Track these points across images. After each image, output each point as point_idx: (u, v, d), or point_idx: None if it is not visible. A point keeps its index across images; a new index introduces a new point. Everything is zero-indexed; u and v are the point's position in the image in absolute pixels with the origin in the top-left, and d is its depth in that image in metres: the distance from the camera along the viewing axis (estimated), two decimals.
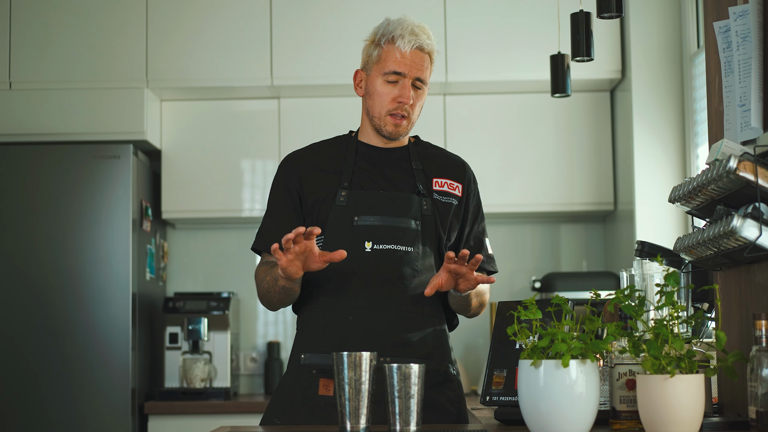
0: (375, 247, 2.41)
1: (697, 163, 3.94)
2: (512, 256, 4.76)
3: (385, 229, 2.42)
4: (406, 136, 2.52)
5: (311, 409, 2.38)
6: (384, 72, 2.46)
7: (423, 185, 2.48)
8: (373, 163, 2.51)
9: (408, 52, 2.45)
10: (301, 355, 2.42)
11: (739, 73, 2.13)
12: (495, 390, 2.16)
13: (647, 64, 4.12)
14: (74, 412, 4.02)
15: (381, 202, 2.44)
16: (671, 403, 1.72)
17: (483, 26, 4.37)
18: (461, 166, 2.59)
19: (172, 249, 4.79)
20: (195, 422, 4.13)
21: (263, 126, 4.50)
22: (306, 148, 2.60)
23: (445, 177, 2.52)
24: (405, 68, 2.44)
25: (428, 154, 2.57)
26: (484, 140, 4.46)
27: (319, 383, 2.39)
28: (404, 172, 2.50)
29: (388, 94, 2.46)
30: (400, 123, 2.46)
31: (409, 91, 2.44)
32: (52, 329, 4.04)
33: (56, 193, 4.11)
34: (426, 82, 2.48)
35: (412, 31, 2.48)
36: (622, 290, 1.87)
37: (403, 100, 2.44)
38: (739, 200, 2.00)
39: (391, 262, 2.40)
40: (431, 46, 2.49)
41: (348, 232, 2.42)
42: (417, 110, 2.49)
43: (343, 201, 2.44)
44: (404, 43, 2.45)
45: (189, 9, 4.41)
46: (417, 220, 2.43)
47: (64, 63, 4.34)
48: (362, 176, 2.48)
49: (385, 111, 2.46)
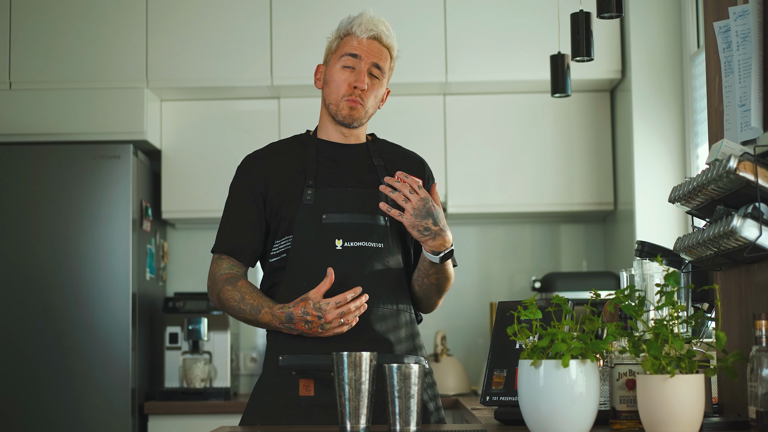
0: (346, 245, 2.41)
1: (697, 163, 3.94)
2: (512, 256, 4.76)
3: (354, 227, 2.42)
4: (361, 126, 2.51)
5: (293, 411, 2.37)
6: (342, 55, 2.47)
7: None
8: (335, 160, 2.51)
9: (364, 39, 2.47)
10: (279, 356, 2.41)
11: (739, 73, 2.13)
12: (495, 390, 2.16)
13: (647, 64, 4.12)
14: (74, 412, 4.02)
15: (349, 199, 2.44)
16: (671, 403, 1.72)
17: (483, 26, 4.37)
18: (420, 163, 2.60)
19: (172, 249, 4.79)
20: (195, 422, 4.13)
21: (263, 126, 4.50)
22: (266, 148, 2.59)
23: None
24: (361, 52, 2.46)
25: (387, 152, 2.57)
26: (484, 140, 4.46)
27: (299, 384, 2.38)
28: (367, 169, 2.50)
29: (345, 80, 2.46)
30: (356, 106, 2.46)
31: (364, 75, 2.44)
32: (52, 329, 4.04)
33: (56, 193, 4.11)
34: (383, 72, 2.48)
35: (369, 21, 2.49)
36: (622, 290, 1.87)
37: (357, 84, 2.44)
38: (739, 200, 2.00)
39: (362, 259, 2.40)
40: (390, 39, 2.50)
41: (317, 230, 2.41)
42: (372, 100, 2.48)
43: (310, 199, 2.43)
44: (360, 30, 2.47)
45: (189, 9, 4.41)
46: (385, 216, 2.43)
47: (64, 63, 4.34)
48: (327, 174, 2.48)
49: (341, 96, 2.47)
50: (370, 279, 2.40)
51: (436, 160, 4.39)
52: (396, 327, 2.43)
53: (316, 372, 2.37)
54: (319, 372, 2.37)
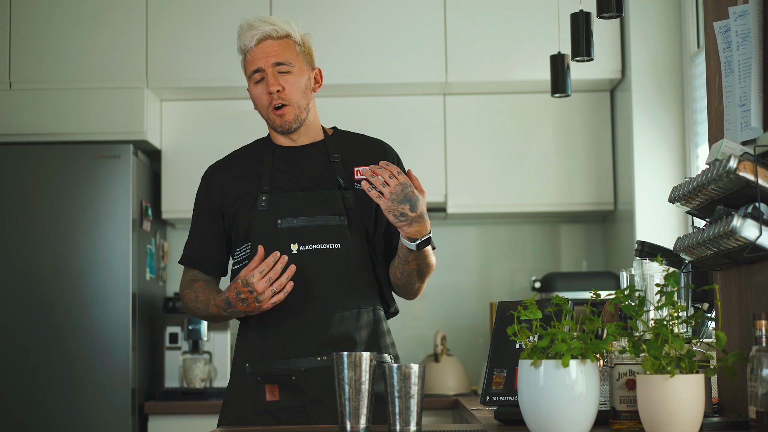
0: (301, 248, 2.41)
1: (697, 163, 3.94)
2: (512, 256, 4.76)
3: (309, 229, 2.42)
4: (303, 124, 2.50)
5: (261, 416, 2.41)
6: (248, 76, 2.49)
7: (343, 178, 2.47)
8: (290, 163, 2.51)
9: (255, 48, 2.46)
10: (246, 364, 2.44)
11: (739, 73, 2.13)
12: (495, 390, 2.16)
13: (647, 64, 4.12)
14: (74, 412, 4.02)
15: (302, 202, 2.44)
16: (671, 403, 1.72)
17: (483, 26, 4.37)
18: (380, 148, 2.57)
19: (172, 249, 4.79)
20: (195, 422, 4.13)
21: (263, 126, 4.46)
22: (226, 158, 2.62)
23: (366, 164, 2.49)
24: (259, 62, 2.45)
25: (347, 144, 2.56)
26: (484, 140, 4.46)
27: (265, 389, 2.41)
28: (324, 168, 2.49)
29: (261, 93, 2.47)
30: (282, 112, 2.46)
31: (272, 78, 2.44)
32: (52, 329, 4.04)
33: (56, 193, 4.11)
34: (290, 63, 2.45)
35: (250, 27, 2.49)
36: (622, 290, 1.87)
37: (270, 89, 2.44)
38: (739, 200, 2.00)
39: (318, 261, 2.41)
40: (280, 30, 2.48)
41: (272, 236, 2.42)
42: (296, 93, 2.46)
43: (265, 206, 2.44)
44: (247, 40, 2.47)
45: (189, 9, 4.41)
46: (341, 215, 2.42)
47: (65, 63, 4.34)
48: (282, 178, 2.49)
49: (265, 109, 2.48)
50: (328, 280, 2.41)
51: (436, 160, 4.39)
52: (357, 327, 2.43)
53: (279, 377, 2.40)
54: (282, 377, 2.41)
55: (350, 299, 2.43)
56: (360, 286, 2.44)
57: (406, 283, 2.49)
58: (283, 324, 2.41)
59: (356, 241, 2.44)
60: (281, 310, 2.39)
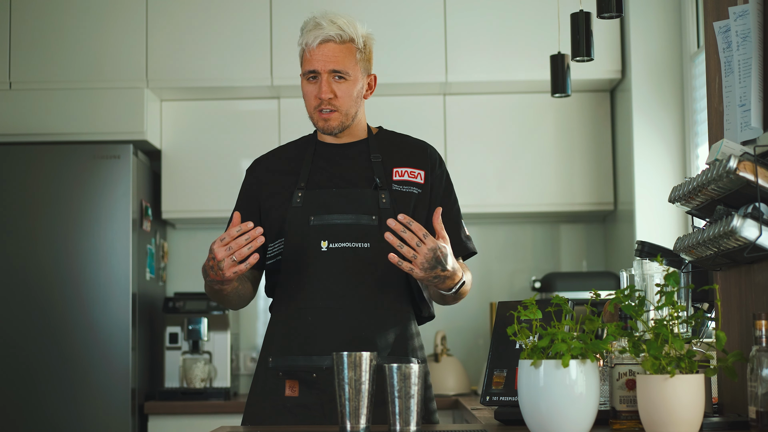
0: (331, 246, 2.41)
1: (697, 163, 3.94)
2: (512, 256, 4.76)
3: (340, 227, 2.41)
4: (345, 127, 2.48)
5: (279, 411, 2.40)
6: (303, 73, 2.47)
7: (381, 178, 2.46)
8: (330, 161, 2.51)
9: (315, 48, 2.43)
10: (269, 358, 2.44)
11: (739, 73, 2.13)
12: (495, 390, 2.16)
13: (647, 64, 4.12)
14: (74, 412, 4.02)
15: (335, 200, 2.43)
16: (671, 403, 1.72)
17: (483, 26, 4.37)
18: (422, 150, 2.55)
19: (172, 249, 4.79)
20: (195, 422, 4.13)
21: (263, 126, 4.50)
22: (270, 152, 2.62)
23: (406, 165, 2.49)
24: (316, 64, 2.43)
25: (390, 144, 2.55)
26: (484, 140, 4.46)
27: (286, 385, 2.41)
28: (362, 167, 2.49)
29: (310, 92, 2.45)
30: (329, 117, 2.45)
31: (325, 85, 2.42)
32: (52, 329, 4.04)
33: (56, 193, 4.11)
34: (347, 72, 2.43)
35: (316, 26, 2.44)
36: (622, 290, 1.87)
37: (321, 96, 2.42)
38: (739, 200, 2.00)
39: (347, 259, 2.40)
40: (345, 35, 2.43)
41: (304, 232, 2.42)
42: (347, 101, 2.44)
43: (299, 202, 2.44)
44: (310, 39, 2.44)
45: (189, 9, 4.41)
46: (374, 215, 2.41)
47: (64, 63, 4.34)
48: (319, 175, 2.49)
49: (312, 108, 2.46)
50: (355, 279, 2.40)
51: None
52: (383, 329, 2.41)
53: (300, 373, 2.40)
54: (303, 373, 2.40)
55: (377, 300, 2.41)
56: (388, 288, 2.43)
57: (438, 301, 2.49)
58: (307, 320, 2.40)
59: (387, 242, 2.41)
60: (307, 306, 2.40)
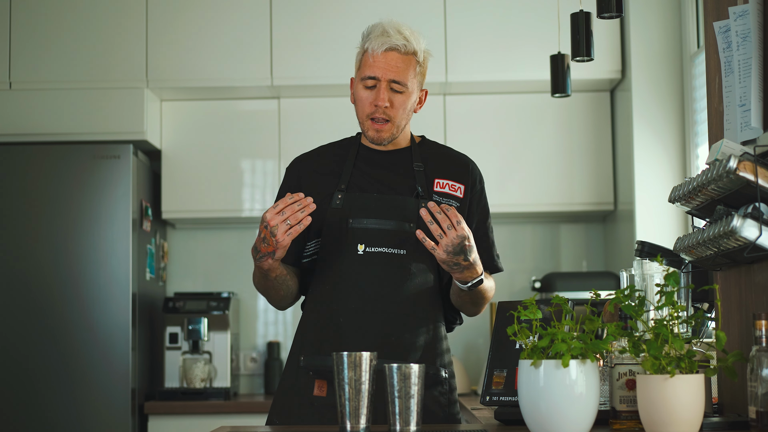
0: (367, 250, 2.42)
1: (697, 163, 3.94)
2: (512, 256, 4.76)
3: (378, 232, 2.42)
4: (394, 138, 2.49)
5: (305, 410, 2.41)
6: (361, 78, 2.45)
7: (423, 187, 2.48)
8: (372, 165, 2.51)
9: (379, 55, 2.42)
10: (300, 357, 2.45)
11: (739, 73, 2.13)
12: (495, 390, 2.16)
13: (647, 64, 4.12)
14: (74, 412, 4.02)
15: (375, 204, 2.44)
16: (671, 403, 1.72)
17: (483, 26, 4.37)
18: (465, 165, 2.57)
19: (172, 249, 4.79)
20: (195, 422, 4.13)
21: (263, 126, 4.50)
22: (312, 151, 2.62)
23: (448, 178, 2.51)
24: (378, 71, 2.42)
25: (432, 154, 2.56)
26: (484, 140, 4.46)
27: (315, 384, 2.42)
28: (405, 174, 2.50)
29: (366, 98, 2.45)
30: (381, 128, 2.45)
31: (383, 93, 2.41)
32: (52, 329, 4.04)
33: (56, 193, 4.11)
34: (405, 84, 2.43)
35: (383, 32, 2.43)
36: (622, 290, 1.87)
37: (378, 103, 2.42)
38: (739, 200, 2.00)
39: (382, 264, 2.41)
40: (410, 46, 2.44)
41: (342, 234, 2.43)
42: (400, 112, 2.45)
43: (339, 204, 2.45)
44: (375, 45, 2.43)
45: (189, 9, 4.41)
46: (412, 222, 2.43)
47: (64, 63, 4.34)
48: (361, 179, 2.49)
49: (365, 116, 2.46)
50: (389, 284, 2.41)
51: None
52: (413, 335, 2.42)
53: (329, 373, 2.40)
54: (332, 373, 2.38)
55: (409, 306, 2.42)
56: (421, 296, 2.44)
57: (461, 308, 2.52)
58: (339, 321, 2.41)
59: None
60: (339, 307, 2.41)
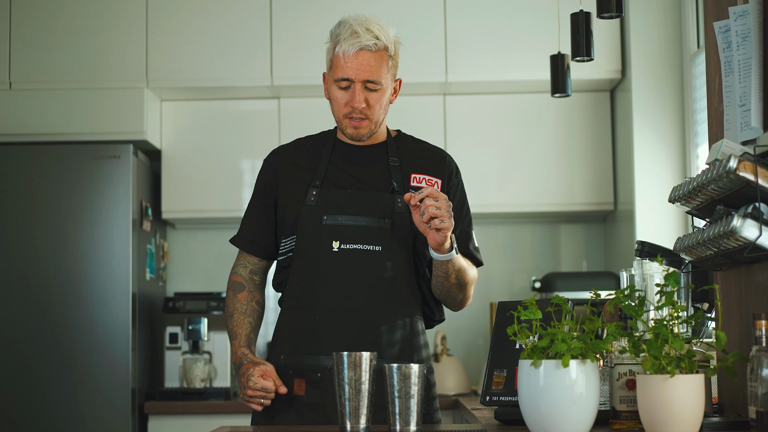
0: (342, 247, 2.41)
1: (697, 163, 3.94)
2: (512, 256, 4.76)
3: (352, 229, 2.41)
4: (373, 134, 2.48)
5: (287, 409, 2.42)
6: (334, 79, 2.43)
7: (398, 182, 2.46)
8: (348, 160, 2.50)
9: (351, 56, 2.39)
10: (281, 356, 2.45)
11: (739, 73, 2.13)
12: (495, 390, 2.16)
13: (647, 64, 4.12)
14: (74, 412, 4.02)
15: (350, 201, 2.43)
16: (671, 403, 1.72)
17: (483, 26, 4.37)
18: (441, 159, 2.56)
19: (172, 249, 4.79)
20: (195, 422, 4.13)
21: (263, 126, 4.50)
22: (290, 144, 2.60)
23: (424, 172, 2.49)
24: (351, 73, 2.40)
25: (408, 149, 2.54)
26: (483, 140, 4.46)
27: (294, 383, 2.42)
28: (380, 169, 2.48)
29: (341, 99, 2.43)
30: (359, 124, 2.44)
31: (358, 95, 2.40)
32: (52, 329, 4.04)
33: (56, 193, 4.11)
34: (379, 82, 2.41)
35: (352, 33, 2.40)
36: (622, 290, 1.87)
37: (354, 105, 2.41)
38: (739, 200, 2.00)
39: (357, 261, 2.40)
40: (380, 44, 2.41)
41: (316, 231, 2.42)
42: (377, 109, 2.43)
43: (313, 200, 2.44)
44: (346, 47, 2.39)
45: (189, 9, 4.41)
46: (387, 218, 2.41)
47: (64, 63, 4.34)
48: (336, 174, 2.48)
49: (342, 115, 2.45)
50: (365, 282, 2.40)
51: None
52: (390, 333, 2.41)
53: (307, 372, 2.41)
54: (310, 372, 2.41)
55: (386, 304, 2.41)
56: (398, 293, 2.43)
57: (447, 297, 2.49)
58: (315, 319, 2.41)
59: (399, 246, 2.41)
60: (315, 305, 2.40)
